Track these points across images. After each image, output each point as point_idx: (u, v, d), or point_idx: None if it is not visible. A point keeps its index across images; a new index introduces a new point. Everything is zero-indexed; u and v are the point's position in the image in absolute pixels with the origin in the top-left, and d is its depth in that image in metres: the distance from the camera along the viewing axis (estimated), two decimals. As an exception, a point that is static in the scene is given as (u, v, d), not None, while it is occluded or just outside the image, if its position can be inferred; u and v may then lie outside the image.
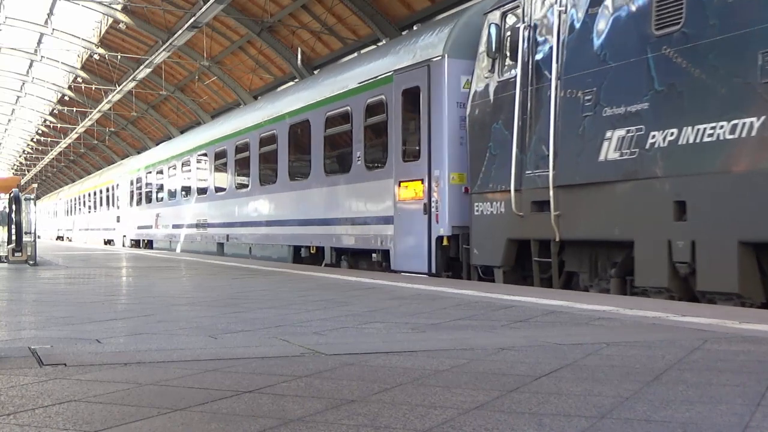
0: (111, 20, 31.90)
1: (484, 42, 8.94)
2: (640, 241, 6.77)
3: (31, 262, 13.56)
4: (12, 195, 13.63)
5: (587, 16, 7.45)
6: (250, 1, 25.82)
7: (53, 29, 35.04)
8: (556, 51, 7.75)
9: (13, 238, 13.72)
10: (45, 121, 56.65)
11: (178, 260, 14.88)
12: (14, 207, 13.55)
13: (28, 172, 78.79)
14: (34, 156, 71.75)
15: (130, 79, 33.18)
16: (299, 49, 26.54)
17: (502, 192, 8.54)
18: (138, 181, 26.18)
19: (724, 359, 3.28)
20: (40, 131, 61.42)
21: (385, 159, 10.80)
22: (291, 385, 2.75)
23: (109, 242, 31.90)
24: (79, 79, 40.76)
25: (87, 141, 55.67)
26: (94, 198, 34.79)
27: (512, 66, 8.51)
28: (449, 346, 3.70)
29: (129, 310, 5.47)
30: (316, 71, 25.56)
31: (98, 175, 37.94)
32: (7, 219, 14.39)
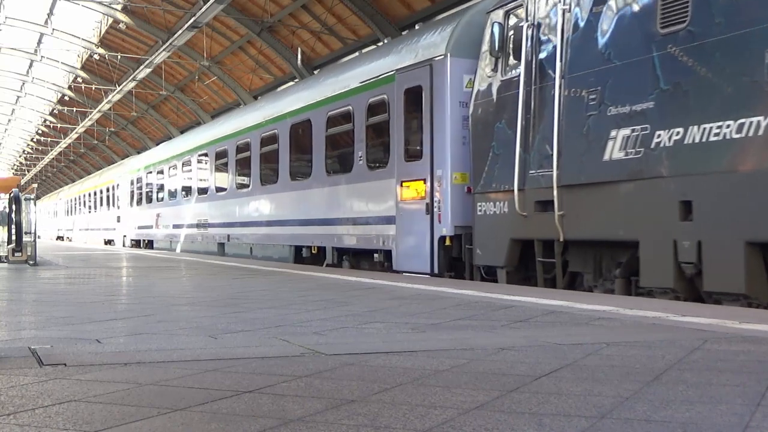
0: (111, 20, 31.91)
1: (487, 41, 8.89)
2: (645, 242, 6.72)
3: (31, 262, 13.56)
4: (12, 195, 13.63)
5: (591, 14, 7.40)
6: (250, 1, 25.83)
7: (53, 29, 35.05)
8: (560, 50, 7.70)
9: (13, 238, 13.72)
10: (45, 121, 56.66)
11: (178, 260, 14.88)
12: (14, 207, 13.55)
13: (28, 172, 78.79)
14: (34, 156, 71.76)
15: (130, 79, 33.18)
16: (299, 49, 26.55)
17: (505, 192, 8.49)
18: (138, 181, 26.15)
19: (724, 359, 3.28)
20: (40, 131, 61.43)
21: (387, 159, 10.77)
22: (291, 385, 2.75)
23: (109, 242, 31.90)
24: (79, 79, 40.77)
25: (87, 141, 55.69)
26: (95, 198, 34.78)
27: (515, 65, 8.46)
28: (449, 346, 3.70)
29: (129, 310, 5.47)
30: (316, 71, 25.56)
31: (98, 175, 37.94)
32: (7, 219, 14.39)
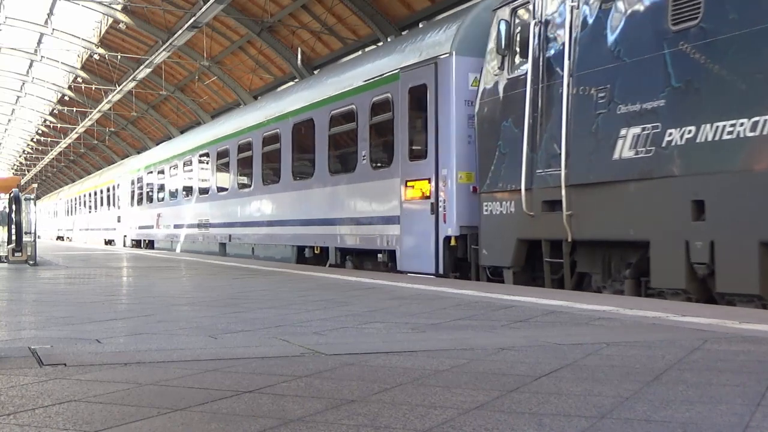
0: (111, 20, 31.92)
1: (494, 39, 8.79)
2: (656, 242, 6.61)
3: (31, 262, 13.56)
4: (12, 195, 13.63)
5: (601, 11, 7.29)
6: (250, 1, 25.83)
7: (53, 29, 35.05)
8: (568, 47, 7.60)
9: (13, 238, 13.73)
10: (45, 121, 56.67)
11: (178, 260, 14.88)
12: (14, 207, 13.56)
13: (28, 172, 78.80)
14: (34, 156, 71.77)
15: (130, 79, 33.19)
16: (299, 49, 26.55)
17: (512, 191, 8.39)
18: (139, 181, 26.11)
19: (724, 359, 3.28)
20: (40, 131, 61.44)
21: (391, 158, 10.69)
22: (291, 385, 2.75)
23: (109, 242, 31.90)
24: (79, 79, 40.78)
25: (87, 141, 55.70)
26: (95, 198, 34.78)
27: (522, 63, 8.37)
28: (449, 346, 3.70)
29: (129, 310, 5.47)
30: (316, 71, 25.56)
31: (98, 175, 37.95)
32: (7, 219, 14.39)
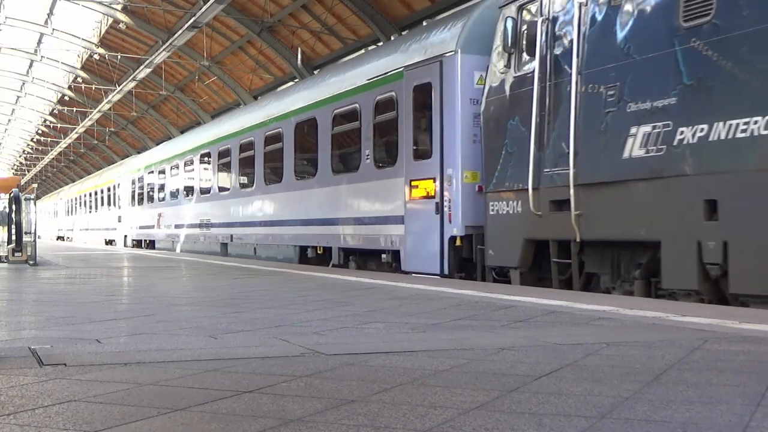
0: (111, 20, 31.92)
1: (500, 36, 8.69)
2: (667, 242, 6.51)
3: (31, 262, 13.56)
4: (12, 195, 13.64)
5: (610, 7, 7.21)
6: (250, 1, 25.83)
7: (53, 29, 35.05)
8: (576, 45, 7.51)
9: (13, 238, 13.73)
10: (45, 121, 56.67)
11: (178, 260, 14.88)
12: (14, 207, 13.56)
13: (28, 172, 78.80)
14: (34, 156, 71.77)
15: (130, 79, 33.19)
16: (299, 49, 26.55)
17: (518, 191, 8.31)
18: (140, 181, 26.08)
19: (724, 359, 3.28)
20: (40, 131, 61.44)
21: (395, 157, 10.60)
22: (291, 385, 2.75)
23: (110, 242, 31.90)
24: (79, 79, 40.77)
25: (87, 141, 55.69)
26: (95, 198, 34.78)
27: (529, 61, 8.28)
28: (449, 346, 3.70)
29: (129, 310, 5.47)
30: (316, 71, 25.56)
31: (99, 174, 37.95)
32: (7, 219, 14.39)
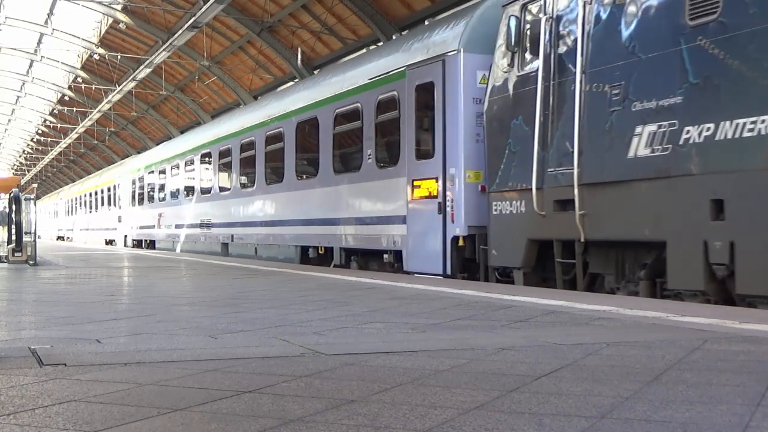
0: (111, 20, 31.92)
1: (503, 35, 8.64)
2: (672, 242, 6.45)
3: (31, 262, 13.56)
4: (12, 195, 13.64)
5: (614, 6, 7.16)
6: (250, 1, 25.83)
7: (53, 29, 35.05)
8: (580, 43, 7.46)
9: (13, 238, 13.73)
10: (45, 121, 56.67)
11: (178, 260, 14.88)
12: (14, 207, 13.56)
13: (28, 172, 78.80)
14: (34, 156, 71.77)
15: (130, 79, 33.19)
16: (299, 49, 26.55)
17: (522, 190, 8.27)
18: (140, 181, 26.05)
19: (724, 359, 3.28)
20: (40, 131, 61.44)
21: (397, 157, 10.57)
22: (291, 385, 2.75)
23: (110, 242, 31.89)
24: (79, 79, 40.77)
25: (87, 141, 55.70)
26: (95, 198, 34.77)
27: (533, 60, 8.23)
28: (449, 346, 3.70)
29: (129, 310, 5.47)
30: (316, 71, 25.56)
31: (99, 174, 37.94)
32: (7, 219, 14.39)
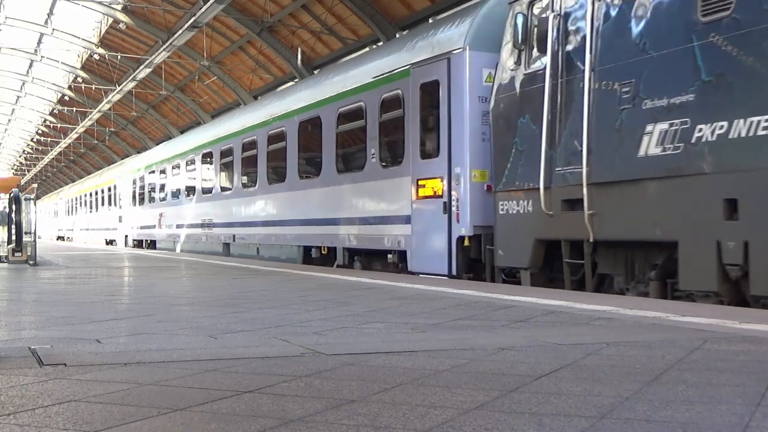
0: (111, 20, 31.92)
1: (510, 33, 8.55)
2: (684, 242, 6.36)
3: (31, 262, 13.55)
4: (12, 195, 13.64)
5: (624, 2, 7.08)
6: (250, 1, 25.83)
7: (53, 29, 35.05)
8: (589, 40, 7.38)
9: (13, 238, 13.73)
10: (45, 121, 56.67)
11: (178, 260, 14.88)
12: (14, 207, 13.56)
13: (28, 172, 78.80)
14: (34, 156, 71.77)
15: (130, 79, 33.18)
16: (299, 49, 26.55)
17: (529, 190, 8.18)
18: (141, 180, 26.01)
19: (724, 359, 3.28)
20: (40, 131, 61.44)
21: (401, 156, 10.50)
22: (291, 385, 2.75)
23: (110, 242, 31.89)
24: (79, 79, 40.77)
25: (87, 141, 55.69)
26: (95, 198, 34.76)
27: (540, 57, 8.13)
28: (449, 346, 3.70)
29: (129, 310, 5.47)
30: (316, 71, 25.56)
31: (99, 174, 37.93)
32: (7, 219, 14.40)
